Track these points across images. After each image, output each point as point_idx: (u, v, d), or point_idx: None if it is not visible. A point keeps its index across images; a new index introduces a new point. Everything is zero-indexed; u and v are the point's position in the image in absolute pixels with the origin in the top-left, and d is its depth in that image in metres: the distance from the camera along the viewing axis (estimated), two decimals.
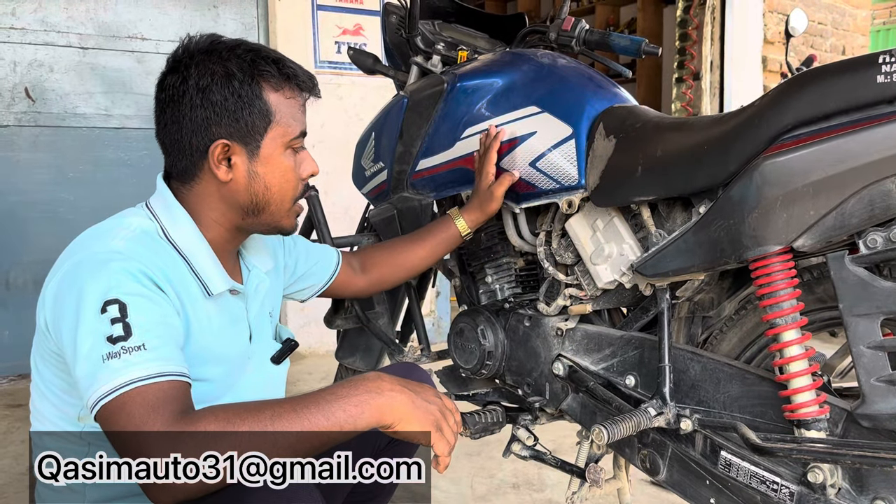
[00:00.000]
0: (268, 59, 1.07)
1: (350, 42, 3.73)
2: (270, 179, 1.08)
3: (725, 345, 1.27)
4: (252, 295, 1.19)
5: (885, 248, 0.97)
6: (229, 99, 1.04)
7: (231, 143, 1.06)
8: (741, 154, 1.07)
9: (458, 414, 1.04)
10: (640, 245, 1.29)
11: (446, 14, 1.86)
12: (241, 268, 1.20)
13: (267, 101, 1.06)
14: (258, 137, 1.07)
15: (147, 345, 0.90)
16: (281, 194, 1.10)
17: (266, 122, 1.06)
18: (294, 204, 1.14)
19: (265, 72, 1.06)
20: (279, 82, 1.07)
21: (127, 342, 0.89)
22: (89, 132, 3.37)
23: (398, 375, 1.12)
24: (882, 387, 0.98)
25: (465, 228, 1.52)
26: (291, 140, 1.09)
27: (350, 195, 2.14)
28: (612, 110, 1.37)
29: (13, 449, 2.50)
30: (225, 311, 1.11)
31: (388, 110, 1.74)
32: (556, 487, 2.16)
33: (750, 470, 1.11)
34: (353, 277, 1.52)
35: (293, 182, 1.11)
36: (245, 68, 1.05)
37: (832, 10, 5.26)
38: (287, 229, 1.16)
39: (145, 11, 3.42)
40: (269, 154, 1.08)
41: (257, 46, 1.10)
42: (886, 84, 0.93)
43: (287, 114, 1.08)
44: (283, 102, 1.08)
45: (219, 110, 1.04)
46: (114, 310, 0.91)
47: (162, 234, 1.05)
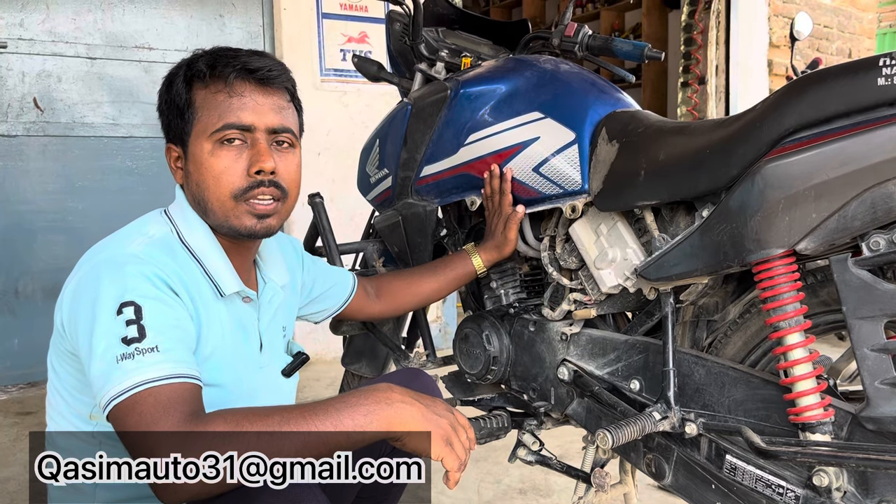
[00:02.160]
0: (210, 57, 1.08)
1: (355, 50, 3.75)
2: (198, 177, 1.07)
3: (730, 348, 1.27)
4: (265, 306, 1.19)
5: (888, 250, 0.97)
6: (164, 104, 1.10)
7: (172, 145, 1.11)
8: (743, 158, 1.07)
9: (471, 431, 1.02)
10: (643, 249, 1.29)
11: (450, 21, 1.87)
12: (258, 279, 1.21)
13: (193, 99, 1.07)
14: (186, 137, 1.08)
15: (160, 347, 0.92)
16: (216, 191, 1.06)
17: (190, 120, 1.07)
18: (241, 201, 1.06)
19: (197, 71, 1.07)
20: (206, 79, 1.07)
21: (141, 344, 0.91)
22: (97, 141, 3.40)
23: (403, 381, 1.12)
24: (886, 389, 0.97)
25: (481, 266, 1.54)
26: (214, 132, 1.05)
27: (356, 202, 2.15)
28: (615, 115, 1.38)
29: (23, 456, 2.51)
30: (236, 316, 1.12)
31: (392, 117, 1.75)
32: (563, 493, 2.15)
33: (755, 474, 1.11)
34: (368, 303, 1.53)
35: (226, 177, 1.05)
36: (181, 71, 1.09)
37: (838, 14, 5.25)
38: (241, 230, 1.08)
39: (152, 21, 3.45)
40: (195, 151, 1.07)
41: (219, 49, 1.10)
42: (887, 87, 0.93)
43: (210, 107, 1.06)
44: (209, 98, 1.06)
45: (163, 116, 1.11)
46: (129, 312, 0.92)
47: (178, 238, 1.08)
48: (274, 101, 1.09)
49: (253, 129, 1.06)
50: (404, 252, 1.72)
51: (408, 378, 1.36)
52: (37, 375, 3.27)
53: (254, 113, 1.06)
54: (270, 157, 1.06)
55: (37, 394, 3.17)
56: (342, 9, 3.74)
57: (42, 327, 3.51)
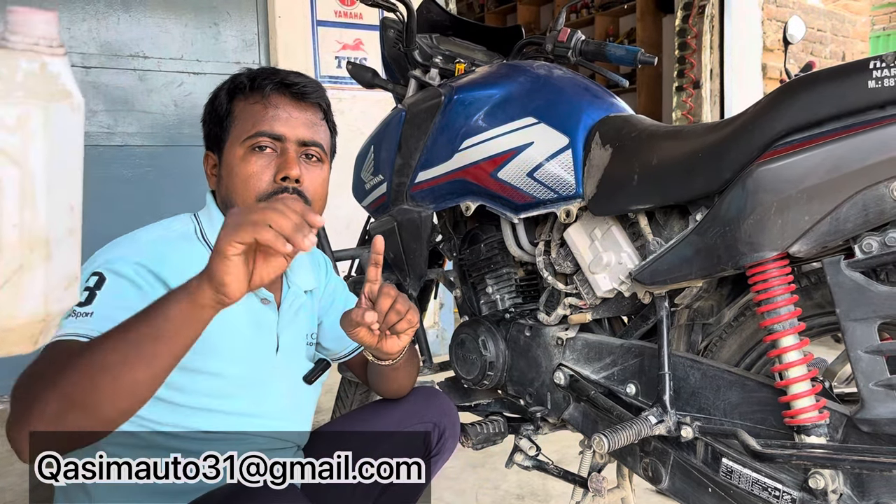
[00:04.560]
0: (252, 73, 1.15)
1: (350, 56, 3.75)
2: (229, 180, 1.11)
3: (725, 352, 1.27)
4: (286, 309, 1.20)
5: (881, 252, 0.97)
6: (207, 114, 1.16)
7: (210, 153, 1.17)
8: (735, 161, 1.07)
9: (299, 203, 0.85)
10: (638, 253, 1.29)
11: (444, 27, 1.87)
12: (284, 284, 1.21)
13: (233, 109, 1.14)
14: (222, 144, 1.14)
15: (95, 314, 0.93)
16: (243, 194, 1.09)
17: (228, 128, 1.13)
18: None
19: (239, 83, 1.14)
20: (247, 90, 1.13)
21: (82, 308, 0.93)
22: (92, 150, 3.39)
23: (420, 400, 1.23)
24: (881, 391, 0.98)
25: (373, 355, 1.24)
26: (247, 139, 1.10)
27: (352, 209, 2.15)
28: (608, 120, 1.38)
29: (19, 466, 2.50)
30: (252, 315, 1.13)
31: (386, 123, 1.75)
32: (561, 498, 2.15)
33: (751, 477, 1.11)
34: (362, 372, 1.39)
35: (254, 181, 1.09)
36: (226, 85, 1.16)
37: (831, 17, 5.28)
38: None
39: (147, 30, 3.45)
40: (228, 157, 1.12)
41: (264, 68, 1.17)
42: (877, 89, 0.93)
43: (246, 116, 1.12)
44: (247, 108, 1.13)
45: (205, 126, 1.17)
46: (93, 280, 0.96)
47: (200, 235, 1.12)
48: (307, 115, 1.14)
49: (284, 140, 1.11)
50: (400, 258, 1.72)
51: (425, 399, 1.33)
52: None
53: (286, 124, 1.11)
54: (297, 165, 1.10)
55: None
56: (337, 16, 3.75)
57: None
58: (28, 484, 2.34)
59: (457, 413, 1.38)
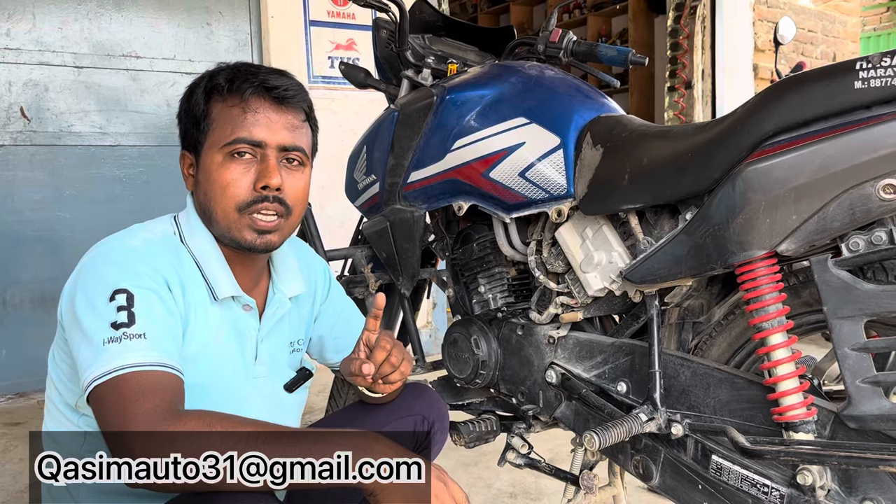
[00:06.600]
0: (231, 72, 1.10)
1: (343, 57, 3.75)
2: (206, 186, 1.09)
3: (715, 350, 1.28)
4: (269, 317, 1.19)
5: (867, 251, 0.98)
6: (183, 112, 1.12)
7: (186, 152, 1.13)
8: (724, 161, 1.08)
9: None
10: (628, 252, 1.30)
11: (436, 28, 1.88)
12: (269, 291, 1.21)
13: (210, 110, 1.09)
14: (200, 146, 1.10)
15: (148, 335, 0.93)
16: (221, 202, 1.07)
17: (205, 131, 1.09)
18: (245, 214, 1.07)
19: (216, 84, 1.09)
20: (224, 92, 1.08)
21: (129, 329, 0.92)
22: (85, 150, 3.38)
23: (410, 396, 1.20)
24: (867, 388, 0.99)
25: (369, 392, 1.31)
26: (225, 145, 1.06)
27: (345, 209, 2.15)
28: (600, 120, 1.39)
29: (11, 467, 2.49)
30: (231, 322, 1.12)
31: (379, 123, 1.76)
32: (554, 496, 2.16)
33: (740, 473, 1.12)
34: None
35: (233, 189, 1.06)
36: (202, 82, 1.11)
37: (822, 18, 5.31)
38: (242, 243, 1.09)
39: (139, 30, 3.45)
40: (206, 162, 1.09)
41: (241, 64, 1.12)
42: (863, 90, 0.94)
43: (224, 120, 1.07)
44: (225, 111, 1.08)
45: (181, 124, 1.13)
46: (121, 299, 0.95)
47: (179, 239, 1.11)
48: (288, 119, 1.10)
49: (264, 146, 1.08)
50: (392, 258, 1.73)
51: (414, 394, 1.33)
52: (25, 386, 3.25)
53: (266, 130, 1.07)
54: (278, 173, 1.07)
55: (25, 404, 3.15)
56: (329, 16, 3.75)
57: (31, 337, 3.51)
58: (22, 484, 2.34)
59: (446, 407, 1.39)
